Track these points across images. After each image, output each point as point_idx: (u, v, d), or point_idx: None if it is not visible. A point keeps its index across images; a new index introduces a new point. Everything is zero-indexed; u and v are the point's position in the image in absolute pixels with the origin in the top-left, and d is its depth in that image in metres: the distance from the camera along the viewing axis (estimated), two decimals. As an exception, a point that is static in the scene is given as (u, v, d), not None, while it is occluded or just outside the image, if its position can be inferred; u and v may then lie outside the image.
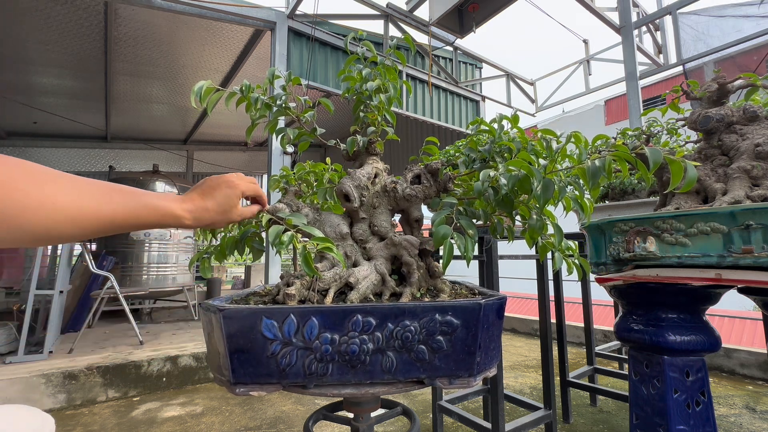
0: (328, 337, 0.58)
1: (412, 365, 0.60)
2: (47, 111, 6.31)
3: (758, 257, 0.73)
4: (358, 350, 0.58)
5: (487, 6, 4.23)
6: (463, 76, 6.00)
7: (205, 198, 0.63)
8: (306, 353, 0.57)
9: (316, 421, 0.85)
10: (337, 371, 0.58)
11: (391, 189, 0.83)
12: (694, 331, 0.93)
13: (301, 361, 0.57)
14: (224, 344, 0.57)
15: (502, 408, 1.60)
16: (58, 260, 3.40)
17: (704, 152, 1.12)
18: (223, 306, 0.58)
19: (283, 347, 0.57)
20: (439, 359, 0.60)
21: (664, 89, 7.74)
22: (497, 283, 1.68)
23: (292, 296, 0.66)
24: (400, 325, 0.59)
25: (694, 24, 4.28)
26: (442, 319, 0.60)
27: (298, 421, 2.34)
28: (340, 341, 0.58)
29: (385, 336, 0.59)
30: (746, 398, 2.59)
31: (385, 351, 0.59)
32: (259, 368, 0.57)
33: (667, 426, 0.89)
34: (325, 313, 0.58)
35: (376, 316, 0.59)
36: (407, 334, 0.59)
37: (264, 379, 0.58)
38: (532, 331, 4.76)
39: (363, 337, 0.58)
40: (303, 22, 4.24)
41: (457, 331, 0.61)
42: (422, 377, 0.61)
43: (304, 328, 0.58)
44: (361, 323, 0.59)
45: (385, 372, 0.59)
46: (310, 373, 0.58)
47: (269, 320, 0.57)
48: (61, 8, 4.02)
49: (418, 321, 0.60)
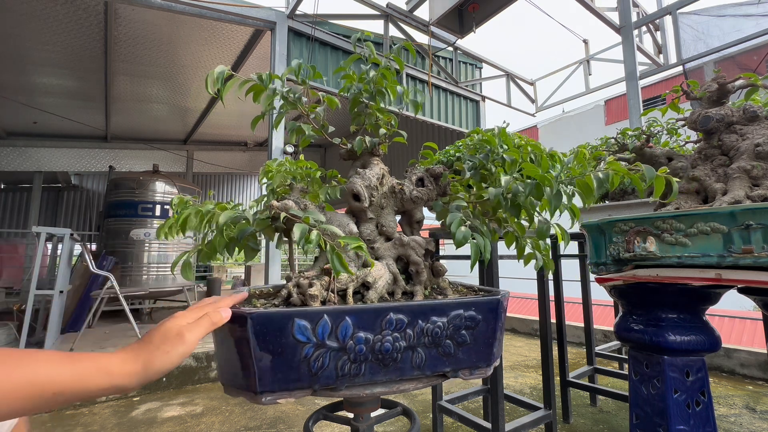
0: (362, 337, 0.57)
1: (439, 360, 0.62)
2: (47, 111, 6.31)
3: (758, 257, 0.73)
4: (391, 348, 0.59)
5: (487, 6, 4.23)
6: (463, 76, 5.99)
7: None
8: (339, 355, 0.56)
9: (316, 421, 0.85)
10: (369, 371, 0.58)
11: (398, 190, 0.84)
12: (694, 331, 0.93)
13: (334, 363, 0.56)
14: (251, 350, 0.53)
15: (502, 408, 1.60)
16: (58, 260, 3.40)
17: (704, 152, 1.12)
18: (251, 310, 0.55)
19: (316, 350, 0.55)
20: (463, 352, 0.64)
21: (664, 89, 7.70)
22: (497, 283, 1.68)
23: (316, 297, 0.63)
24: (430, 322, 0.61)
25: (694, 24, 4.27)
26: (466, 314, 0.64)
27: (298, 421, 2.34)
28: (373, 340, 0.58)
29: (416, 333, 0.61)
30: (746, 398, 2.59)
31: (416, 347, 0.61)
32: (289, 374, 0.55)
33: (667, 426, 0.89)
34: (359, 313, 0.58)
35: (407, 314, 0.60)
36: (437, 330, 0.62)
37: (294, 384, 0.55)
38: (532, 331, 4.76)
39: (396, 335, 0.59)
40: (303, 22, 4.23)
41: (479, 325, 0.65)
42: (447, 371, 0.64)
43: (338, 329, 0.56)
44: (394, 321, 0.59)
45: (415, 368, 0.61)
46: (342, 375, 0.57)
47: (302, 322, 0.55)
48: (61, 8, 4.02)
49: (446, 317, 0.62)
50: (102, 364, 0.46)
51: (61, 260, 3.25)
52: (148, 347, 0.50)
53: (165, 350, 0.50)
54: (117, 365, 0.47)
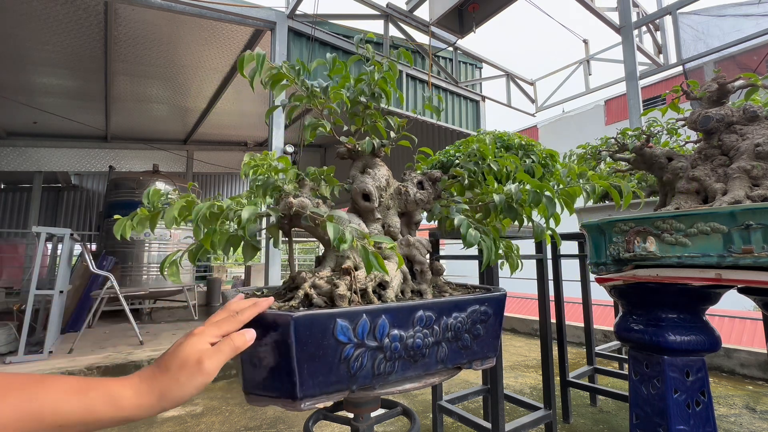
0: (397, 335, 0.59)
1: (459, 353, 0.67)
2: (47, 111, 6.30)
3: (758, 257, 0.73)
4: (421, 344, 0.61)
5: (487, 6, 4.23)
6: (463, 76, 5.99)
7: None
8: (376, 353, 0.56)
9: (316, 421, 0.85)
10: (401, 368, 0.59)
11: (404, 192, 0.86)
12: (694, 331, 0.93)
13: (371, 363, 0.56)
14: (293, 354, 0.51)
15: (502, 408, 1.60)
16: (58, 260, 3.40)
17: (704, 152, 1.12)
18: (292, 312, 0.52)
19: (356, 349, 0.55)
20: (477, 344, 0.69)
21: (664, 89, 7.72)
22: (497, 282, 1.68)
23: (344, 297, 0.62)
24: (452, 317, 0.65)
25: (694, 24, 4.27)
26: (481, 309, 0.69)
27: (298, 421, 2.34)
28: (406, 337, 0.59)
29: (441, 328, 0.64)
30: (746, 398, 2.59)
31: (441, 342, 0.64)
32: (330, 376, 0.54)
33: (667, 426, 0.89)
34: (394, 311, 0.59)
35: (435, 310, 0.63)
36: (458, 324, 0.66)
37: (333, 387, 0.54)
38: (532, 331, 4.76)
39: (425, 331, 0.62)
40: (303, 22, 4.23)
41: (490, 318, 0.71)
42: (464, 362, 0.68)
43: (376, 328, 0.56)
44: (424, 318, 0.62)
45: (439, 362, 0.64)
46: (378, 374, 0.57)
47: (343, 323, 0.54)
48: (61, 8, 4.02)
49: (465, 312, 0.67)
50: (113, 395, 0.43)
51: (61, 260, 3.25)
52: (164, 377, 0.45)
53: (182, 381, 0.45)
54: (129, 397, 0.43)
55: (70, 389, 0.42)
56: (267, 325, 0.53)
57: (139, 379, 0.46)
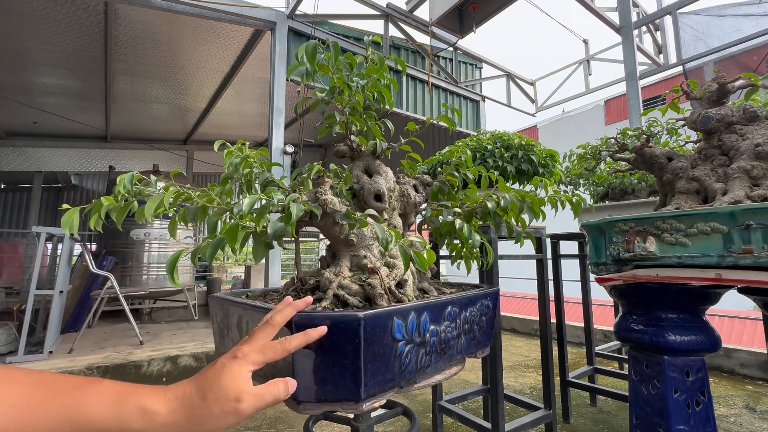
0: (434, 330, 0.62)
1: (470, 343, 0.72)
2: (47, 111, 6.30)
3: (758, 257, 0.73)
4: (450, 337, 0.65)
5: (487, 6, 4.23)
6: (463, 76, 5.99)
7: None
8: (419, 348, 0.59)
9: (317, 421, 0.85)
10: (434, 360, 0.62)
11: (407, 194, 0.89)
12: (694, 331, 0.93)
13: (416, 357, 0.58)
14: (361, 354, 0.51)
15: (502, 408, 1.60)
16: (58, 260, 3.40)
17: (704, 152, 1.12)
18: (361, 312, 0.52)
19: (407, 346, 0.56)
20: (480, 335, 0.75)
21: (664, 89, 7.69)
22: (497, 282, 1.68)
23: (383, 296, 0.63)
24: (468, 311, 0.71)
25: (694, 24, 4.27)
26: (485, 303, 0.76)
27: (298, 421, 2.34)
28: (440, 332, 0.63)
29: (461, 321, 0.69)
30: (746, 398, 2.59)
31: (461, 335, 0.69)
32: (386, 374, 0.54)
33: (667, 426, 0.89)
34: (432, 308, 0.62)
35: (459, 305, 0.68)
36: (472, 317, 0.72)
37: (389, 384, 0.55)
38: (532, 331, 4.76)
39: (452, 325, 0.66)
40: (303, 22, 4.23)
41: (490, 311, 0.78)
42: (472, 351, 0.73)
43: (420, 324, 0.59)
44: (452, 313, 0.66)
45: (458, 353, 0.68)
46: (420, 368, 0.59)
47: (399, 320, 0.55)
48: (61, 8, 4.02)
49: (476, 306, 0.73)
50: (147, 410, 0.42)
51: (61, 260, 3.25)
52: (199, 403, 0.43)
53: (216, 414, 0.43)
54: (163, 414, 0.42)
55: (108, 399, 0.41)
56: (333, 328, 0.51)
57: (174, 395, 0.44)
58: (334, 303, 0.64)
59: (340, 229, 0.71)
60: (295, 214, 0.61)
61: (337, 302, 0.65)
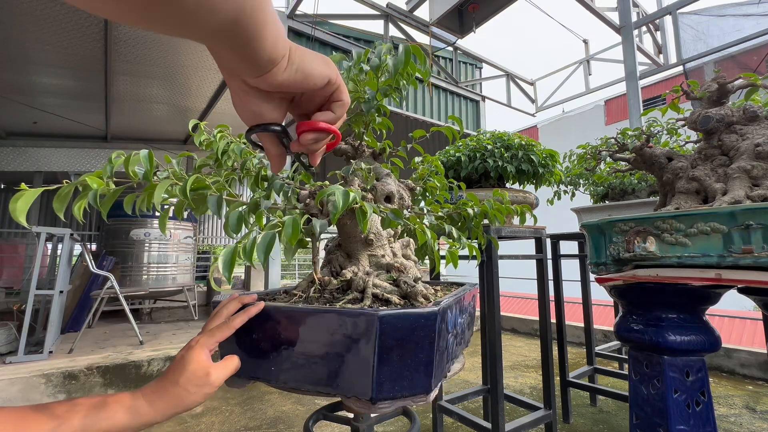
0: (460, 322, 0.68)
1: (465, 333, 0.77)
2: (47, 111, 6.31)
3: (758, 257, 0.73)
4: (464, 329, 0.71)
5: (487, 6, 4.23)
6: (463, 76, 5.99)
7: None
8: (453, 339, 0.64)
9: (316, 421, 0.85)
10: (456, 351, 0.68)
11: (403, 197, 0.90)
12: (694, 331, 0.93)
13: (452, 348, 0.64)
14: (435, 346, 0.54)
15: (502, 408, 1.60)
16: (58, 260, 3.40)
17: (704, 152, 1.12)
18: (437, 308, 0.53)
19: (450, 337, 0.62)
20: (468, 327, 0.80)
21: (664, 89, 7.70)
22: (497, 283, 1.68)
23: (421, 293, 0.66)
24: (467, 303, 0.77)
25: (694, 24, 4.27)
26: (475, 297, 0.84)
27: (298, 421, 2.34)
28: (461, 324, 0.69)
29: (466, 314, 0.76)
30: (746, 398, 2.59)
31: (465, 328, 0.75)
32: (441, 365, 0.59)
33: (667, 426, 0.89)
34: (458, 302, 0.67)
35: (466, 299, 0.76)
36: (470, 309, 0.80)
37: (441, 375, 0.60)
38: (532, 331, 4.76)
39: (462, 317, 0.71)
40: (303, 22, 4.23)
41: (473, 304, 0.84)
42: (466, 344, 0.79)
43: (456, 317, 0.64)
44: (465, 307, 0.73)
45: (464, 344, 0.74)
46: (450, 359, 0.64)
47: (450, 314, 0.61)
48: (61, 8, 4.02)
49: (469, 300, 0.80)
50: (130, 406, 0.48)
51: (61, 260, 3.25)
52: (174, 388, 0.51)
53: (192, 390, 0.51)
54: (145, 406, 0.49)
55: (92, 407, 0.46)
56: (413, 324, 0.52)
57: (150, 390, 0.51)
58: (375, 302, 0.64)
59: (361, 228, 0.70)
60: (370, 213, 0.59)
61: (376, 300, 0.64)
